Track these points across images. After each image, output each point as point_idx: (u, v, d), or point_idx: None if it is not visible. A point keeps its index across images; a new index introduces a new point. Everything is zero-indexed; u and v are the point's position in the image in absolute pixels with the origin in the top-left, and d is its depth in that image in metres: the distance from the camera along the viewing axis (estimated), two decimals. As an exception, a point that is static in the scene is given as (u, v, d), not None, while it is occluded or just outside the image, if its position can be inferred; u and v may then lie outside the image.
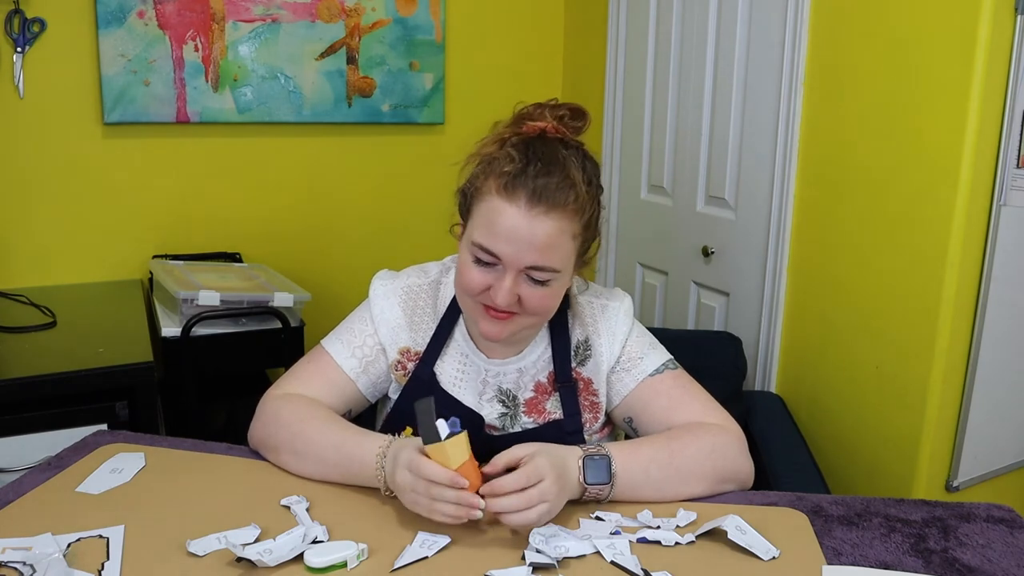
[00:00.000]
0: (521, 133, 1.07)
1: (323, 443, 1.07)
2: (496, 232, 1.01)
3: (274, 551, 0.88)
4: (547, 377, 1.17)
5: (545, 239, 1.00)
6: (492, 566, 0.88)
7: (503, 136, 1.07)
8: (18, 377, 1.49)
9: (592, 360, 1.17)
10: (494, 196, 1.01)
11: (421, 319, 1.19)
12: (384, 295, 1.19)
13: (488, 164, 1.04)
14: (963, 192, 1.44)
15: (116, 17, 2.10)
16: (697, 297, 2.18)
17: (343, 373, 1.17)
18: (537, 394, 1.17)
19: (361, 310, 1.22)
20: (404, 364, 1.18)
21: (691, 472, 1.06)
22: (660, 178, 2.27)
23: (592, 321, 1.19)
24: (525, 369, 1.17)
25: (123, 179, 2.22)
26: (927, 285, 1.52)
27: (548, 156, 1.02)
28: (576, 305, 1.19)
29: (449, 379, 1.17)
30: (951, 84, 1.44)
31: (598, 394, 1.18)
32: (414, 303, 1.19)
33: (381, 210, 2.56)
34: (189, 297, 1.81)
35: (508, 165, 1.01)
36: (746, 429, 1.64)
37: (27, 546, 0.89)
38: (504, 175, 1.01)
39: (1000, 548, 0.95)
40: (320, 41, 2.36)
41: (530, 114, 1.08)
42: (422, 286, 1.21)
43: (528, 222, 0.99)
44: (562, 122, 1.07)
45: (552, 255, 1.01)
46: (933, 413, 1.54)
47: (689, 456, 1.06)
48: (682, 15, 2.14)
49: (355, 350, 1.18)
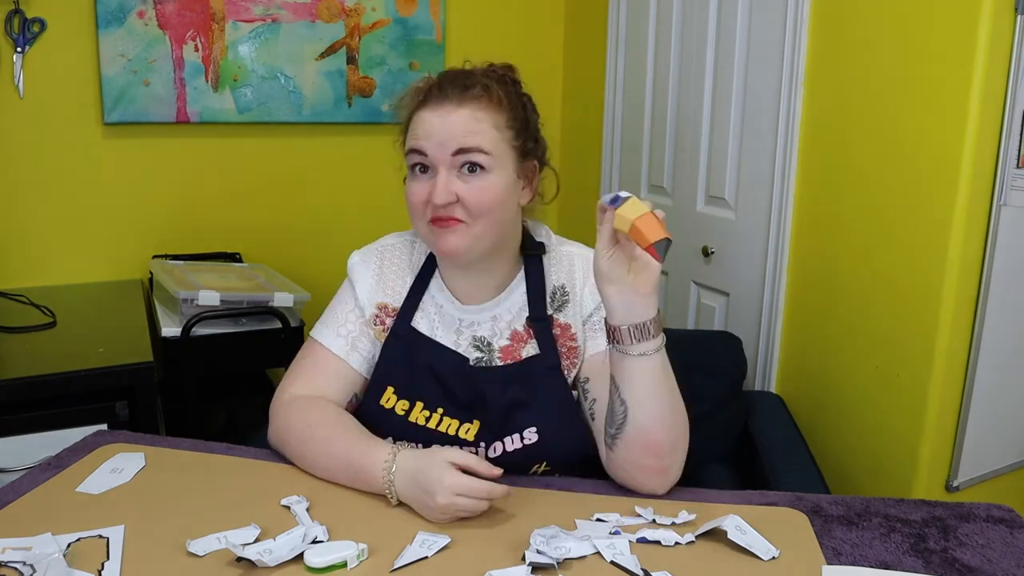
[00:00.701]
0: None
1: (329, 452, 1.07)
2: (418, 135, 1.09)
3: (274, 551, 0.88)
4: (523, 326, 1.17)
5: (462, 124, 1.07)
6: (492, 566, 0.88)
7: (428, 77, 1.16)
8: (18, 377, 1.49)
9: (570, 306, 1.17)
10: (415, 113, 1.11)
11: (396, 275, 1.21)
12: (361, 260, 1.23)
13: (412, 95, 1.14)
14: (963, 192, 1.44)
15: (116, 17, 2.10)
16: (697, 297, 2.18)
17: (336, 358, 1.18)
18: (513, 342, 1.16)
19: (341, 291, 1.24)
20: (383, 319, 1.19)
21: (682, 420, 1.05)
22: (660, 178, 2.27)
23: (569, 267, 1.19)
24: (500, 316, 1.17)
25: (123, 179, 2.22)
26: (927, 285, 1.52)
27: (462, 73, 1.12)
28: (553, 255, 1.20)
29: (426, 331, 1.18)
30: (951, 84, 1.44)
31: (576, 339, 1.17)
32: (389, 260, 1.23)
33: (381, 210, 2.55)
34: (189, 297, 1.81)
35: (425, 85, 1.12)
36: (746, 429, 1.65)
37: (27, 546, 0.89)
38: (420, 92, 1.12)
39: (1000, 548, 0.95)
40: (320, 41, 2.36)
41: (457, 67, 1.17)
42: (396, 244, 1.24)
43: (442, 116, 1.08)
44: (489, 67, 1.15)
45: (474, 137, 1.07)
46: (933, 413, 1.54)
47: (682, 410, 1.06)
48: (682, 15, 2.14)
49: (339, 329, 1.19)
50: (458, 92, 1.08)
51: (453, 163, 1.07)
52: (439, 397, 1.14)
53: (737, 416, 1.66)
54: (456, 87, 1.09)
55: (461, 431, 1.13)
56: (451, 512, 0.97)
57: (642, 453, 1.03)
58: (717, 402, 1.58)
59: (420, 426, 1.13)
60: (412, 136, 1.10)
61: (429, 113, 1.08)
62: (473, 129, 1.07)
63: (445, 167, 1.07)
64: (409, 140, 1.11)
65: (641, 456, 1.04)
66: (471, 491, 0.96)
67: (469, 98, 1.08)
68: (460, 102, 1.08)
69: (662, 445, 1.03)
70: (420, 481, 0.98)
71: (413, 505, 1.00)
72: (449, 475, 0.96)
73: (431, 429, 1.13)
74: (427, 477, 0.97)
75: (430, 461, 0.99)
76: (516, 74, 1.17)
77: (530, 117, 1.15)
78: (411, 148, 1.10)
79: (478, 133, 1.07)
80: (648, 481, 1.06)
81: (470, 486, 0.96)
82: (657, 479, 1.06)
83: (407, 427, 1.13)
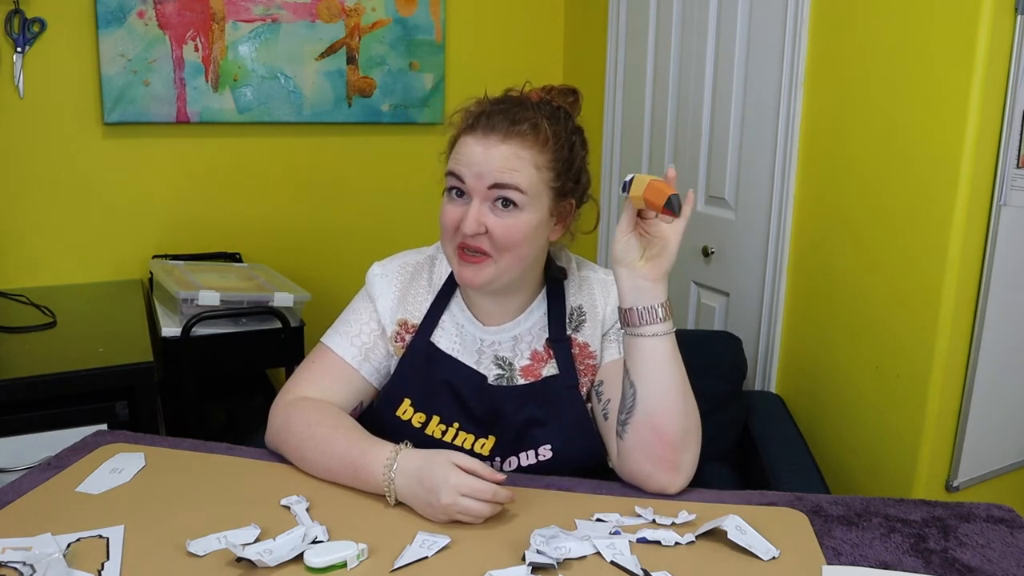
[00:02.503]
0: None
1: (329, 452, 1.07)
2: (459, 159, 1.09)
3: (274, 551, 0.88)
4: (543, 345, 1.18)
5: (502, 160, 1.06)
6: (492, 566, 0.88)
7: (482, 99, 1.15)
8: (18, 377, 1.49)
9: (588, 324, 1.19)
10: (460, 134, 1.11)
11: (418, 292, 1.21)
12: (381, 275, 1.22)
13: (462, 116, 1.13)
14: (963, 192, 1.44)
15: (116, 17, 2.10)
16: (697, 297, 2.18)
17: (347, 364, 1.18)
18: (533, 361, 1.18)
19: (357, 299, 1.24)
20: (403, 336, 1.20)
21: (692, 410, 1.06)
22: (660, 178, 2.26)
23: (588, 290, 1.21)
24: (520, 336, 1.18)
25: (123, 179, 2.22)
26: (927, 285, 1.52)
27: (516, 103, 1.11)
28: (573, 279, 1.22)
29: (446, 349, 1.19)
30: (951, 84, 1.44)
31: (595, 356, 1.18)
32: (411, 277, 1.22)
33: (381, 210, 2.56)
34: (189, 297, 1.81)
35: (477, 109, 1.11)
36: (746, 429, 1.65)
37: (27, 546, 0.89)
38: (469, 115, 1.11)
39: (1000, 548, 0.95)
40: (320, 41, 2.36)
41: (517, 88, 1.17)
42: (419, 262, 1.24)
43: (485, 147, 1.07)
44: (548, 92, 1.15)
45: (512, 175, 1.06)
46: (933, 413, 1.54)
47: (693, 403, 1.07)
48: (682, 14, 2.14)
49: (353, 339, 1.19)
50: (505, 126, 1.07)
51: (488, 195, 1.07)
52: (455, 412, 1.15)
53: (737, 416, 1.66)
54: (505, 120, 1.08)
55: (476, 445, 1.14)
56: (453, 512, 0.96)
57: (651, 437, 1.04)
58: (717, 402, 1.58)
59: (436, 439, 1.15)
60: (454, 159, 1.10)
61: (474, 141, 1.08)
62: (513, 166, 1.06)
63: (479, 197, 1.07)
64: (451, 162, 1.11)
65: (650, 441, 1.04)
66: (476, 492, 0.96)
67: (515, 134, 1.07)
68: (505, 136, 1.07)
69: (671, 430, 1.04)
70: (424, 479, 0.98)
71: (413, 505, 1.00)
72: (455, 475, 0.96)
73: (447, 442, 1.14)
74: (432, 475, 0.97)
75: (435, 460, 0.99)
76: (575, 103, 1.18)
77: (576, 156, 1.14)
78: (451, 171, 1.10)
79: (517, 171, 1.07)
80: (658, 474, 1.05)
81: (475, 487, 0.96)
82: (667, 475, 1.05)
83: (423, 439, 1.14)
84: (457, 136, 1.12)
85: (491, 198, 1.07)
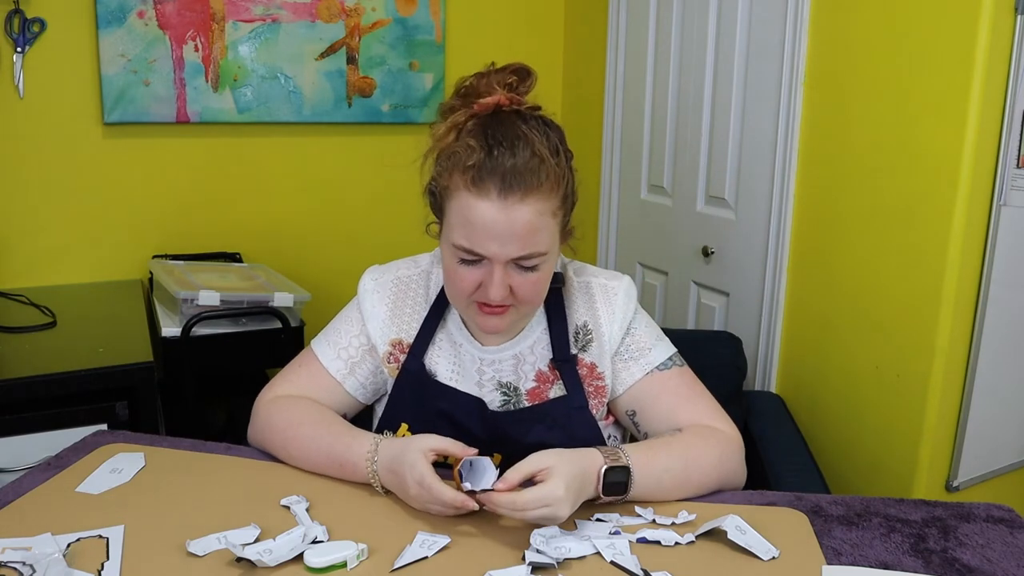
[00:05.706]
0: (474, 114, 1.02)
1: (312, 448, 1.08)
2: (475, 231, 0.97)
3: (274, 551, 0.88)
4: (548, 365, 1.13)
5: (526, 227, 0.97)
6: (492, 566, 0.88)
7: (458, 123, 1.02)
8: (18, 377, 1.49)
9: (595, 344, 1.14)
10: (464, 193, 0.98)
11: (412, 310, 1.17)
12: (373, 289, 1.18)
13: (450, 159, 1.00)
14: (963, 192, 1.44)
15: (116, 17, 2.10)
16: (697, 297, 2.18)
17: (330, 376, 1.17)
18: (539, 383, 1.13)
19: (349, 308, 1.21)
20: (396, 356, 1.16)
21: (699, 483, 1.06)
22: (660, 178, 2.27)
23: (590, 303, 1.15)
24: (522, 355, 1.14)
25: (123, 179, 2.22)
26: (927, 285, 1.52)
27: (510, 136, 0.97)
28: (572, 287, 1.16)
29: (445, 375, 1.14)
30: (951, 84, 1.44)
31: (603, 377, 1.14)
32: (404, 294, 1.17)
33: (381, 210, 2.56)
34: (189, 297, 1.81)
35: (471, 157, 0.97)
36: (746, 429, 1.65)
37: (27, 546, 0.89)
38: (469, 169, 0.97)
39: (1000, 548, 0.95)
40: (320, 41, 2.36)
41: (476, 89, 1.03)
42: (412, 276, 1.19)
43: (506, 214, 0.96)
44: (513, 91, 1.02)
45: (537, 240, 0.98)
46: (933, 413, 1.54)
47: (700, 468, 1.06)
48: (682, 15, 2.14)
49: (340, 351, 1.17)
50: (522, 182, 0.95)
51: (509, 260, 0.99)
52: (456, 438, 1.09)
53: (737, 416, 1.65)
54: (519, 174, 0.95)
55: None
56: (423, 506, 0.97)
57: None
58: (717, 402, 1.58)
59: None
60: (467, 231, 0.97)
61: (487, 206, 0.95)
62: (536, 228, 0.97)
63: (501, 265, 0.99)
64: (459, 234, 0.98)
65: None
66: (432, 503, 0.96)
67: (533, 189, 0.96)
68: (524, 196, 0.96)
69: (698, 493, 1.06)
70: (396, 471, 0.99)
71: (397, 494, 1.02)
72: (419, 468, 0.96)
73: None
74: (400, 465, 0.98)
75: (406, 452, 0.99)
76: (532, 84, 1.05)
77: (572, 176, 1.04)
78: (464, 247, 0.98)
79: (540, 232, 0.98)
80: None
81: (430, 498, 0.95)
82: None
83: None
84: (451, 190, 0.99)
85: (513, 262, 1.00)
